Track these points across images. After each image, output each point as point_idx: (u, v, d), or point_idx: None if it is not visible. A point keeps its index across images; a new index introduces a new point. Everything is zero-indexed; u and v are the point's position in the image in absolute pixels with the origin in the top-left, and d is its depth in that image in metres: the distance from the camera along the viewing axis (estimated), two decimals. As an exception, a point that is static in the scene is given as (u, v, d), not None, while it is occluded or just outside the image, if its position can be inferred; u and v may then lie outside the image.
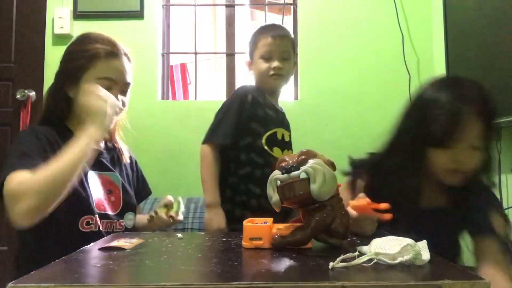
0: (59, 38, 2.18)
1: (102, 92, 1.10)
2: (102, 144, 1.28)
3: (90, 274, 0.62)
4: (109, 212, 1.18)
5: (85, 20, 2.20)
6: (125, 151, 1.33)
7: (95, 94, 1.09)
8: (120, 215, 1.21)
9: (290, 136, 1.55)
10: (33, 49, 2.18)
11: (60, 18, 2.16)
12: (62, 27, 2.16)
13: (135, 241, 0.87)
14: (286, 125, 1.55)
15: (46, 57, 2.18)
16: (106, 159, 1.25)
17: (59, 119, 1.19)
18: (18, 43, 2.20)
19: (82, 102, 1.10)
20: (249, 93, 1.44)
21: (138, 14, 2.21)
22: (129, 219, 1.24)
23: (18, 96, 2.12)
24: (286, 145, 1.50)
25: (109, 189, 1.21)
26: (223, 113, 1.43)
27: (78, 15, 2.20)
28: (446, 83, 1.14)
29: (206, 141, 1.41)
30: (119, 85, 1.18)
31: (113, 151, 1.30)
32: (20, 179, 0.96)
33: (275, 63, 1.43)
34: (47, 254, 1.02)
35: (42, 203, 0.95)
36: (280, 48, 1.43)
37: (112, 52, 1.16)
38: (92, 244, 0.86)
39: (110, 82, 1.15)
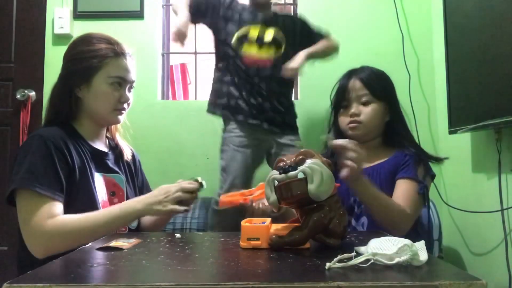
0: (59, 38, 2.18)
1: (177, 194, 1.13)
2: (106, 144, 1.29)
3: (86, 274, 0.61)
4: None
5: (85, 20, 2.20)
6: (126, 149, 1.34)
7: (175, 191, 1.12)
8: None
9: (275, 34, 1.65)
10: (33, 49, 2.18)
11: (60, 18, 2.16)
12: (62, 27, 2.16)
13: (133, 241, 0.87)
14: (271, 23, 1.67)
15: (46, 57, 2.18)
16: (111, 161, 1.26)
17: (65, 120, 1.20)
18: (18, 43, 2.19)
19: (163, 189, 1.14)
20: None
21: (138, 14, 2.21)
22: None
23: (18, 96, 2.12)
24: (264, 43, 1.63)
25: (112, 191, 1.22)
26: None
27: (78, 15, 2.20)
28: None
29: None
30: (127, 83, 1.22)
31: (115, 150, 1.30)
32: (61, 221, 1.03)
33: None
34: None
35: (68, 248, 0.99)
36: None
37: (120, 52, 1.20)
38: (90, 244, 0.86)
39: (121, 80, 1.20)
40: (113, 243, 0.83)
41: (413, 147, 1.38)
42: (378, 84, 1.39)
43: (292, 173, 0.76)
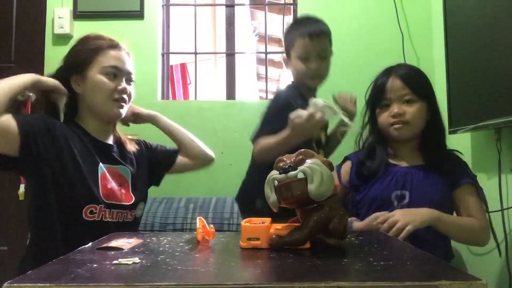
0: (59, 38, 2.18)
1: None
2: (112, 139, 1.30)
3: (86, 274, 0.61)
4: (121, 203, 1.20)
5: (85, 20, 2.21)
6: (129, 142, 1.36)
7: None
8: (133, 206, 1.24)
9: (325, 136, 1.47)
10: (33, 49, 2.19)
11: (60, 18, 2.16)
12: (62, 27, 2.16)
13: (133, 241, 0.87)
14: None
15: (46, 57, 2.18)
16: (116, 153, 1.28)
17: (69, 117, 1.23)
18: (18, 43, 2.20)
19: None
20: (291, 100, 1.35)
21: (138, 14, 2.22)
22: (139, 209, 1.28)
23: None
24: (320, 147, 1.43)
25: (119, 182, 1.24)
26: (271, 116, 1.36)
27: (78, 15, 2.20)
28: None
29: (258, 136, 1.31)
30: (123, 74, 1.24)
31: (119, 143, 1.32)
32: None
33: (313, 65, 1.36)
34: (51, 240, 1.08)
35: None
36: (317, 47, 1.36)
37: (112, 44, 1.24)
38: (90, 244, 0.86)
39: (115, 69, 1.22)
40: (113, 243, 0.83)
41: (451, 151, 1.38)
42: (418, 82, 1.33)
43: (292, 173, 0.76)
